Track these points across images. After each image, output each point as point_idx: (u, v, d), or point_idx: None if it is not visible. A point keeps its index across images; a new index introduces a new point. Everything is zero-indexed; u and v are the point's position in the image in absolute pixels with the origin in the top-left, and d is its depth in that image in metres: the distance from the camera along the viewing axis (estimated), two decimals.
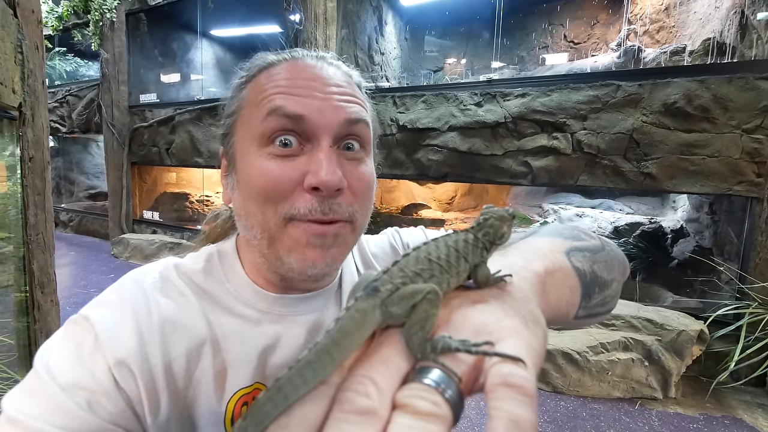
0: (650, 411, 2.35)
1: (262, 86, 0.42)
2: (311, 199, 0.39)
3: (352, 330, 0.24)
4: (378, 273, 0.27)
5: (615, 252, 0.49)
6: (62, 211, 7.20)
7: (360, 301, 0.25)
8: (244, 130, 0.43)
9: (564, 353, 2.51)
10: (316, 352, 0.22)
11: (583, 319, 0.42)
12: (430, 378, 0.21)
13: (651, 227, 4.57)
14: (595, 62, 5.22)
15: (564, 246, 0.42)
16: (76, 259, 5.29)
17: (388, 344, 0.24)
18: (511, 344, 0.24)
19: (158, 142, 5.55)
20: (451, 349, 0.23)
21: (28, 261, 1.39)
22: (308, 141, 0.41)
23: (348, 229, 0.42)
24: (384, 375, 0.22)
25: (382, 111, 3.87)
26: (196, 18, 5.86)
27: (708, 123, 2.72)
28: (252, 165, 0.41)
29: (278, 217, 0.40)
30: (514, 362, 0.22)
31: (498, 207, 0.34)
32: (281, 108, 0.40)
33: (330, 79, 0.42)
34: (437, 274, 0.28)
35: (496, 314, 0.27)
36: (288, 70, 0.43)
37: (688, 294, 3.50)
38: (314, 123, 0.40)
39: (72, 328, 0.38)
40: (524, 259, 0.37)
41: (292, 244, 0.40)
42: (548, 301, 0.35)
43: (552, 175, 3.26)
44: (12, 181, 1.34)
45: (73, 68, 7.40)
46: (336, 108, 0.41)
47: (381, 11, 6.42)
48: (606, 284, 0.44)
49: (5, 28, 1.07)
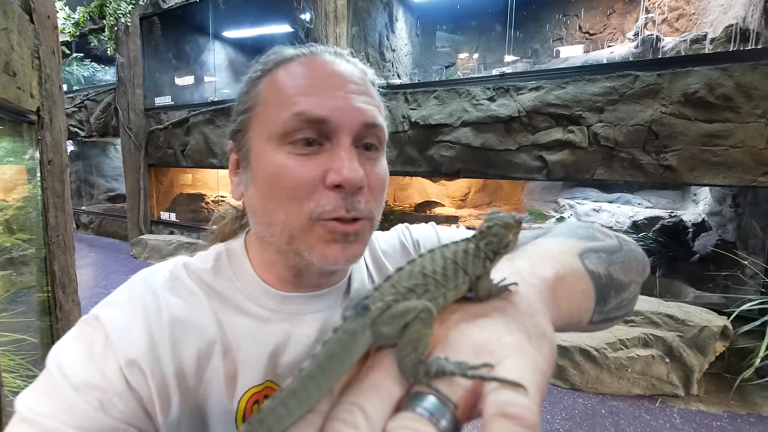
0: (672, 408, 2.29)
1: (280, 83, 0.42)
2: (335, 196, 0.39)
3: (340, 353, 0.22)
4: (369, 290, 0.26)
5: (634, 251, 0.46)
6: (83, 214, 7.41)
7: (349, 322, 0.24)
8: (261, 128, 0.42)
9: (582, 350, 2.46)
10: (300, 380, 0.21)
11: (599, 323, 0.40)
12: (423, 406, 0.20)
13: (671, 221, 4.45)
14: (612, 53, 5.09)
15: (577, 247, 0.40)
16: (96, 260, 5.44)
17: (380, 367, 0.23)
18: (512, 366, 0.22)
19: (173, 144, 5.65)
20: (446, 373, 0.21)
21: (50, 262, 1.43)
22: (328, 139, 0.41)
23: (367, 225, 0.43)
24: (374, 402, 0.21)
25: (394, 108, 3.85)
26: (208, 20, 5.93)
27: (731, 112, 2.61)
28: (271, 163, 0.41)
29: (304, 216, 0.40)
30: (514, 388, 0.20)
31: (503, 212, 0.32)
32: (305, 112, 0.40)
33: (349, 77, 0.43)
34: (432, 290, 0.26)
35: (498, 330, 0.25)
36: (307, 66, 0.43)
37: (710, 289, 3.39)
38: (336, 123, 0.40)
39: (83, 328, 0.38)
40: (532, 264, 0.35)
41: (315, 242, 0.41)
42: (559, 307, 0.33)
43: (568, 170, 3.20)
44: (32, 184, 1.38)
45: (91, 73, 7.59)
46: (356, 109, 0.41)
47: (391, 8, 6.38)
48: (623, 287, 0.42)
49: (22, 33, 1.10)
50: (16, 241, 1.59)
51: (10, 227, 1.63)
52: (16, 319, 1.59)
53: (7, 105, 1.09)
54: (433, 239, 0.59)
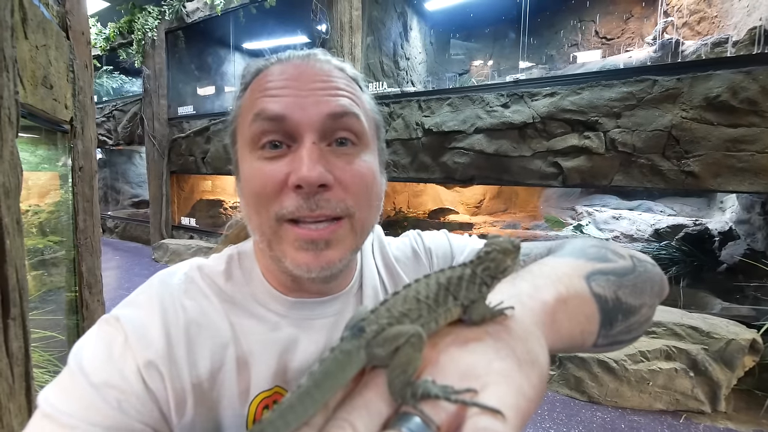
0: (697, 425, 2.19)
1: (251, 92, 0.43)
2: (296, 197, 0.39)
3: (335, 372, 0.24)
4: (366, 312, 0.27)
5: (649, 272, 0.45)
6: (109, 218, 7.69)
7: (345, 342, 0.25)
8: (241, 137, 0.44)
9: (600, 361, 2.40)
10: (298, 395, 0.23)
11: (605, 347, 0.40)
12: (407, 426, 0.21)
13: (696, 229, 4.29)
14: (630, 58, 4.99)
15: (585, 269, 0.39)
16: (120, 263, 5.63)
17: (373, 386, 0.24)
18: (496, 392, 0.23)
19: (195, 152, 5.83)
20: (431, 396, 0.22)
21: (78, 263, 1.51)
22: (293, 140, 0.41)
23: (346, 227, 0.41)
24: (364, 419, 0.22)
25: (407, 115, 3.87)
26: (229, 33, 6.14)
27: (756, 116, 2.53)
28: (246, 169, 0.42)
29: (271, 218, 0.40)
30: (494, 414, 0.21)
31: (504, 237, 0.32)
32: (263, 111, 0.40)
33: (315, 75, 0.42)
34: (425, 315, 0.27)
35: (488, 355, 0.25)
36: (273, 72, 0.43)
37: (738, 300, 3.25)
38: (295, 121, 0.40)
39: (104, 328, 0.39)
40: (534, 286, 0.34)
41: (285, 248, 0.41)
42: (559, 331, 0.33)
43: (584, 176, 3.14)
44: (64, 190, 1.46)
45: (119, 85, 7.94)
46: (317, 103, 0.40)
47: (406, 17, 6.46)
48: (632, 310, 0.40)
49: (59, 49, 1.18)
50: (49, 243, 1.68)
51: (43, 230, 1.72)
52: (46, 317, 1.67)
53: (45, 115, 1.17)
54: (445, 247, 0.58)
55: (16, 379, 0.88)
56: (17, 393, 0.89)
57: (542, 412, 2.32)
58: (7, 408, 0.86)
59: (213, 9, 5.34)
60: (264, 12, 4.98)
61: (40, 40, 1.04)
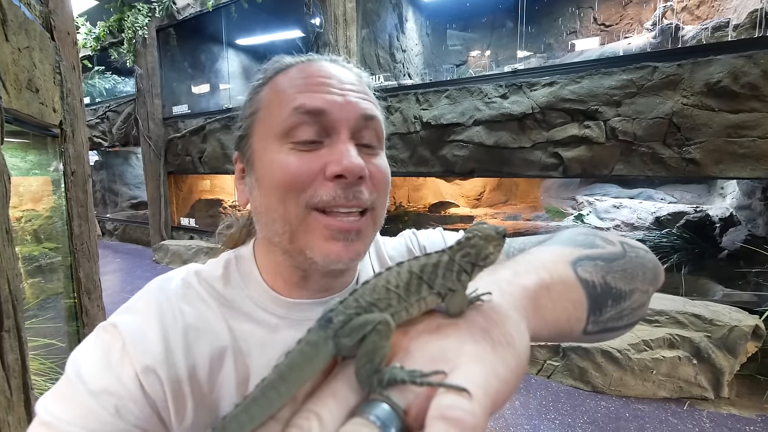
0: (701, 412, 2.20)
1: (281, 86, 0.44)
2: (334, 186, 0.40)
3: (301, 363, 0.23)
4: (335, 303, 0.27)
5: (641, 258, 0.44)
6: (107, 221, 7.67)
7: (312, 333, 0.25)
8: (264, 129, 0.44)
9: (603, 351, 2.40)
10: (262, 389, 0.22)
11: (596, 334, 0.39)
12: (374, 413, 0.21)
13: (696, 216, 4.28)
14: (629, 44, 4.94)
15: (571, 255, 0.39)
16: (121, 266, 5.62)
17: (341, 376, 0.24)
18: (465, 372, 0.22)
19: (191, 152, 5.79)
20: (398, 381, 0.22)
21: (75, 269, 1.49)
22: (328, 135, 0.42)
23: (369, 221, 0.43)
24: (331, 409, 0.22)
25: (405, 109, 3.83)
26: (222, 29, 6.06)
27: (758, 101, 2.50)
28: (272, 160, 0.42)
29: (300, 207, 0.41)
30: (459, 393, 0.21)
31: (489, 224, 0.31)
32: (304, 105, 0.41)
33: (347, 77, 0.45)
34: (394, 304, 0.26)
35: (461, 338, 0.25)
36: (304, 70, 0.45)
37: (740, 287, 3.25)
38: (334, 117, 0.42)
39: (101, 335, 0.40)
40: (514, 273, 0.34)
41: (314, 238, 0.41)
42: (543, 317, 0.32)
43: (585, 166, 3.12)
44: (57, 195, 1.44)
45: (112, 85, 7.86)
46: (353, 103, 0.43)
47: (401, 8, 6.38)
48: (622, 295, 0.40)
49: (43, 50, 1.15)
50: (44, 250, 1.66)
51: (38, 237, 1.70)
52: (46, 325, 1.66)
53: (32, 120, 1.14)
54: (440, 244, 0.59)
55: (13, 391, 0.86)
56: (15, 405, 0.87)
57: (547, 403, 2.32)
58: (5, 421, 0.84)
59: (204, 5, 5.26)
60: (256, 6, 4.91)
61: (23, 42, 1.01)
